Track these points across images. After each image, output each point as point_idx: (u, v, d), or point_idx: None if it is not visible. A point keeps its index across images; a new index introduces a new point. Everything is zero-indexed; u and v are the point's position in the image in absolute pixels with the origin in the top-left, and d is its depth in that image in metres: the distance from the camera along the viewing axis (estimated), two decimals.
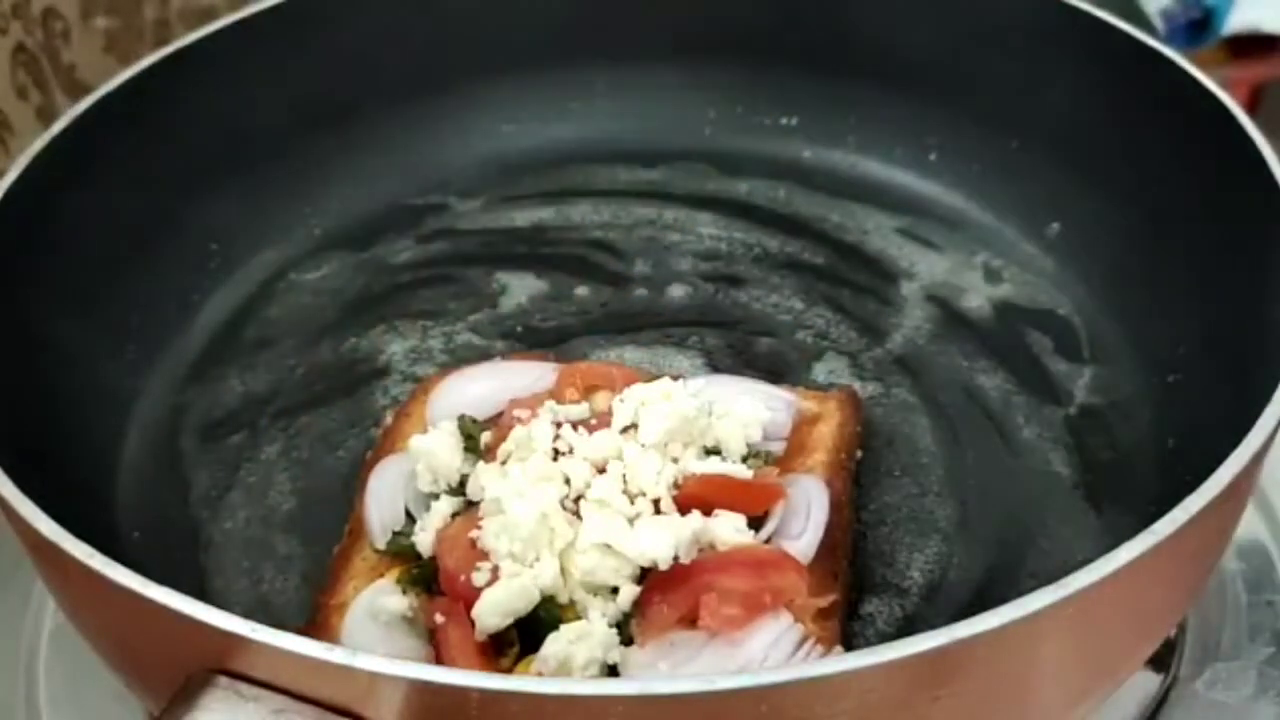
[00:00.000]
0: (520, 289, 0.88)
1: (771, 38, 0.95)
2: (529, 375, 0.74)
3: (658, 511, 0.62)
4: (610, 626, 0.59)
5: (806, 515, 0.65)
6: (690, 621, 0.58)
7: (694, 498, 0.63)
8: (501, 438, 0.66)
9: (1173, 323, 0.76)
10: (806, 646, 0.59)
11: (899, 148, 0.95)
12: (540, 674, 0.57)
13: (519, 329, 0.85)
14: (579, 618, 0.59)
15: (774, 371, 0.80)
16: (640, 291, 0.87)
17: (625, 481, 0.63)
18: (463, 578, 0.60)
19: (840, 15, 0.93)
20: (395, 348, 0.84)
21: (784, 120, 0.97)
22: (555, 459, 0.64)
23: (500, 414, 0.70)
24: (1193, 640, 0.73)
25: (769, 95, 0.96)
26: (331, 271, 0.91)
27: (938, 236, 0.90)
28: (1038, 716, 0.55)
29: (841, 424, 0.72)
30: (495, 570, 0.59)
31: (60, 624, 0.76)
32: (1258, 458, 0.56)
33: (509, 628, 0.59)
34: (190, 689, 0.49)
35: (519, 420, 0.67)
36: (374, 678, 0.46)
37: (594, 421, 0.67)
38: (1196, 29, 1.61)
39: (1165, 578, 0.56)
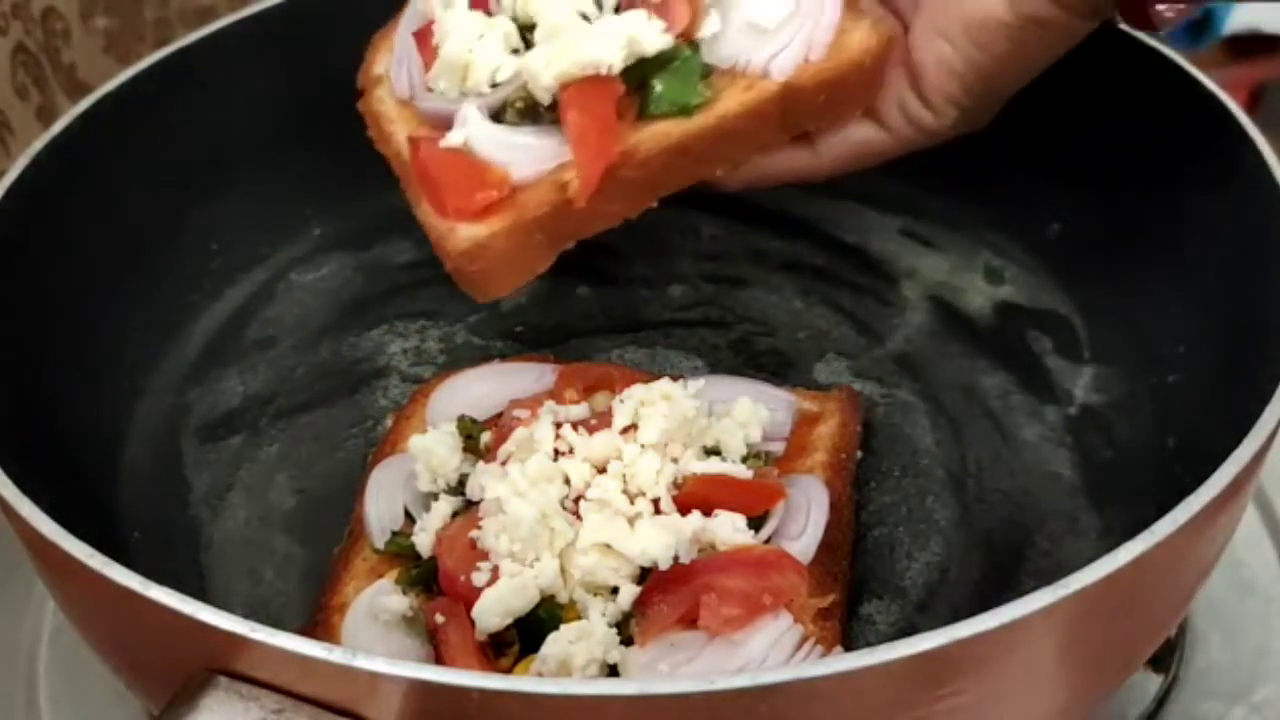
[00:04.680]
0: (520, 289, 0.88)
1: None
2: (529, 375, 0.74)
3: (658, 511, 0.62)
4: (610, 626, 0.59)
5: (806, 515, 0.65)
6: (690, 621, 0.58)
7: (694, 498, 0.63)
8: (502, 438, 0.66)
9: (1173, 323, 0.76)
10: (806, 647, 0.59)
11: None
12: (540, 674, 0.57)
13: (519, 329, 0.85)
14: (579, 618, 0.59)
15: (774, 371, 0.80)
16: (640, 291, 0.87)
17: (625, 481, 0.63)
18: (463, 578, 0.60)
19: None
20: (395, 348, 0.84)
21: None
22: (555, 459, 0.64)
23: (500, 414, 0.70)
24: (1192, 640, 0.73)
25: None
26: (331, 271, 0.91)
27: (938, 236, 0.90)
28: (1037, 716, 0.55)
29: (841, 424, 0.72)
30: (495, 570, 0.59)
31: (60, 624, 0.76)
32: (1258, 458, 0.56)
33: (509, 628, 0.59)
34: (190, 689, 0.49)
35: (519, 420, 0.67)
36: (374, 678, 0.46)
37: (594, 421, 0.67)
38: (1196, 29, 1.61)
39: (1165, 578, 0.56)
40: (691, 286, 0.87)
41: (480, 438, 0.68)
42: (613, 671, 0.58)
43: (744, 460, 0.67)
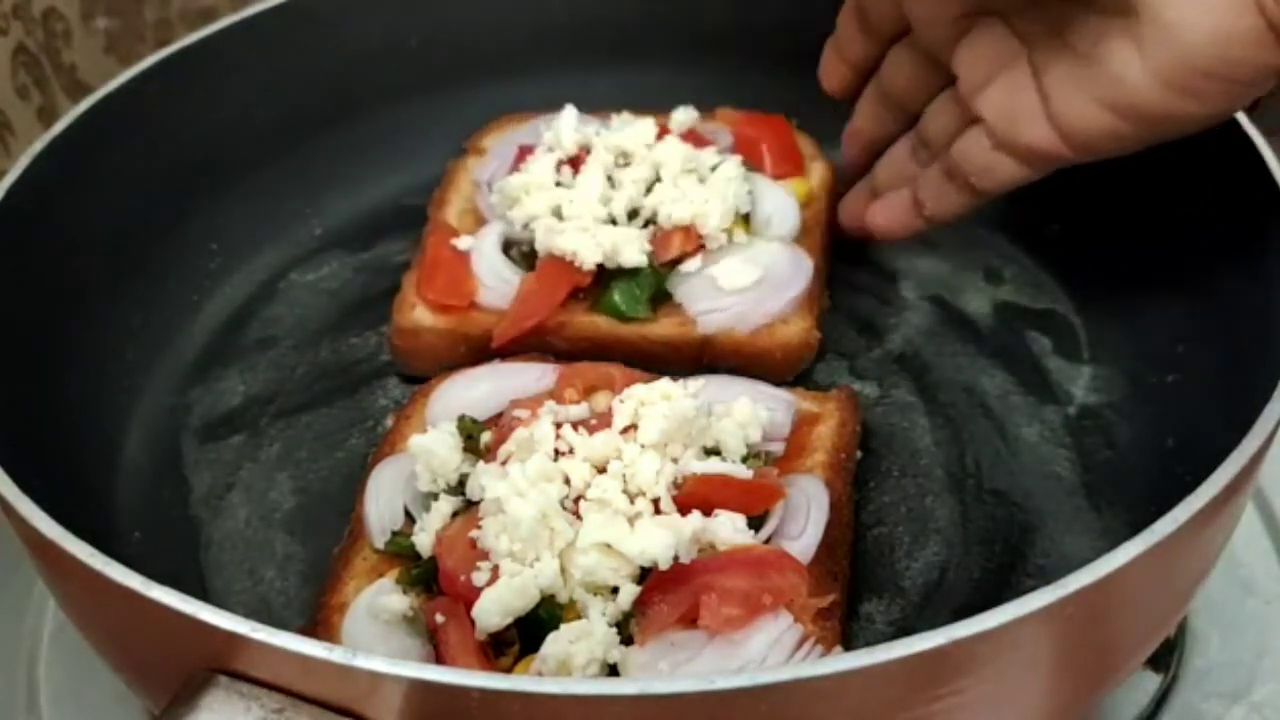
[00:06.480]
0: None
1: (771, 38, 0.95)
2: (529, 375, 0.74)
3: (658, 511, 0.62)
4: (610, 626, 0.59)
5: (806, 515, 0.65)
6: (690, 621, 0.58)
7: (694, 498, 0.63)
8: (502, 438, 0.66)
9: (1172, 323, 0.76)
10: (806, 646, 0.59)
11: None
12: (540, 674, 0.57)
13: None
14: (579, 617, 0.59)
15: None
16: None
17: (625, 481, 0.63)
18: (463, 578, 0.60)
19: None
20: None
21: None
22: (555, 459, 0.64)
23: (500, 414, 0.70)
24: (1192, 640, 0.73)
25: (769, 95, 0.96)
26: (331, 271, 0.91)
27: (938, 236, 0.90)
28: (1037, 716, 0.55)
29: (841, 424, 0.72)
30: (495, 570, 0.59)
31: (60, 624, 0.76)
32: (1257, 458, 0.56)
33: (509, 628, 0.59)
34: (190, 689, 0.49)
35: (519, 420, 0.67)
36: (374, 678, 0.46)
37: (594, 421, 0.67)
38: None
39: (1165, 578, 0.56)
40: None
41: (480, 438, 0.69)
42: (613, 671, 0.58)
43: (744, 460, 0.67)
